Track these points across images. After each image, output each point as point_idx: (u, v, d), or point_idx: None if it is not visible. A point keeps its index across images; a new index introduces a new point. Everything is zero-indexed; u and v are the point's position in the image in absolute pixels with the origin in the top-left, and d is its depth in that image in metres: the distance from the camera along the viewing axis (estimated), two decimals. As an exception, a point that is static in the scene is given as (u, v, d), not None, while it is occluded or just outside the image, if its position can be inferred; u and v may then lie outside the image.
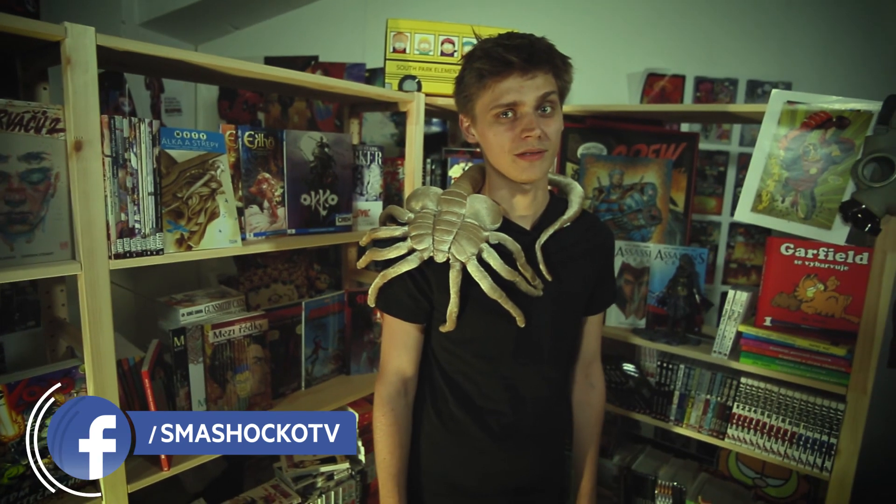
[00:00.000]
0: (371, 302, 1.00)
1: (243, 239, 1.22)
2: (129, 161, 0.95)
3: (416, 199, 0.98)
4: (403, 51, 1.49)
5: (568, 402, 1.15)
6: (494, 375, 1.01)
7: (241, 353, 1.28)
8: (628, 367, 1.54)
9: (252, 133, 1.22)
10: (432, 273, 0.97)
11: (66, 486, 0.98)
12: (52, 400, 0.94)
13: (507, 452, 1.02)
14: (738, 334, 1.36)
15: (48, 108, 0.88)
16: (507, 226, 1.00)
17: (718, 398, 1.41)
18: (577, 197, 1.07)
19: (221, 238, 1.11)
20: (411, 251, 0.95)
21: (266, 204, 1.26)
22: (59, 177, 0.91)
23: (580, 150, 1.58)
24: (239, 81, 1.37)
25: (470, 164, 1.70)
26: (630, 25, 1.93)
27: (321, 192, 1.37)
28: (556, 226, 1.01)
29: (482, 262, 0.94)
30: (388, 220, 1.02)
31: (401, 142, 2.23)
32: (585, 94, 1.99)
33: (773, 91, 1.24)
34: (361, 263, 1.00)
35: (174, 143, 1.04)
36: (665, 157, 1.56)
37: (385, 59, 1.49)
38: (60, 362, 1.00)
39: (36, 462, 0.90)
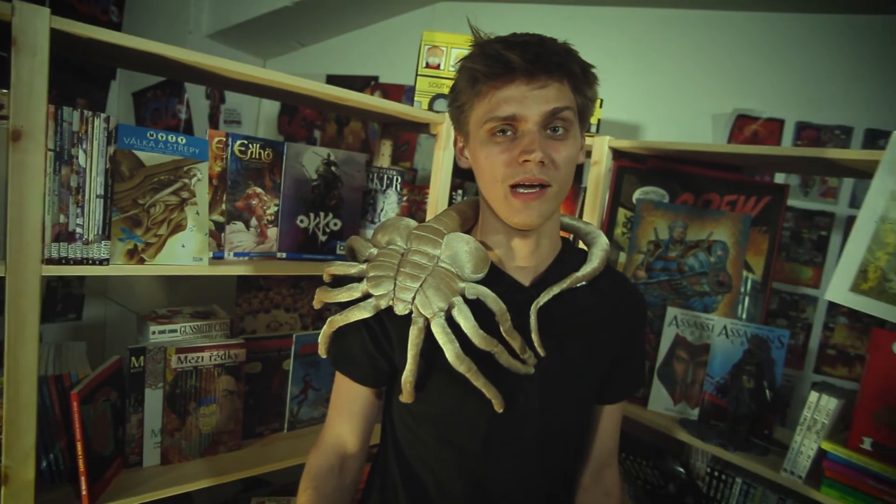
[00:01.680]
0: (321, 352, 0.81)
1: (220, 257, 1.09)
2: (76, 158, 0.85)
3: (383, 231, 0.79)
4: (437, 66, 1.33)
5: None
6: (458, 468, 0.78)
7: (210, 384, 1.14)
8: (678, 468, 1.23)
9: (245, 142, 1.10)
10: (394, 326, 0.77)
11: (-33, 511, 0.87)
12: (-40, 413, 0.84)
13: None
14: (822, 453, 1.02)
15: (-9, 93, 0.80)
16: (499, 278, 0.77)
17: (787, 533, 1.06)
18: (599, 250, 0.83)
19: (184, 254, 0.99)
20: (366, 296, 0.75)
21: (254, 222, 1.14)
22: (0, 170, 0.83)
23: (636, 195, 1.32)
24: (283, 95, 1.25)
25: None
26: (718, 59, 1.65)
27: (322, 214, 1.22)
28: (564, 284, 0.77)
29: (452, 321, 0.72)
30: (351, 253, 0.83)
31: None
32: (659, 135, 1.72)
33: (894, 133, 0.92)
34: (316, 304, 0.81)
35: (145, 144, 0.94)
36: (742, 210, 1.25)
37: (416, 75, 1.33)
38: None
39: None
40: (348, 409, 0.82)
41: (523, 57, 0.67)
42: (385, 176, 1.33)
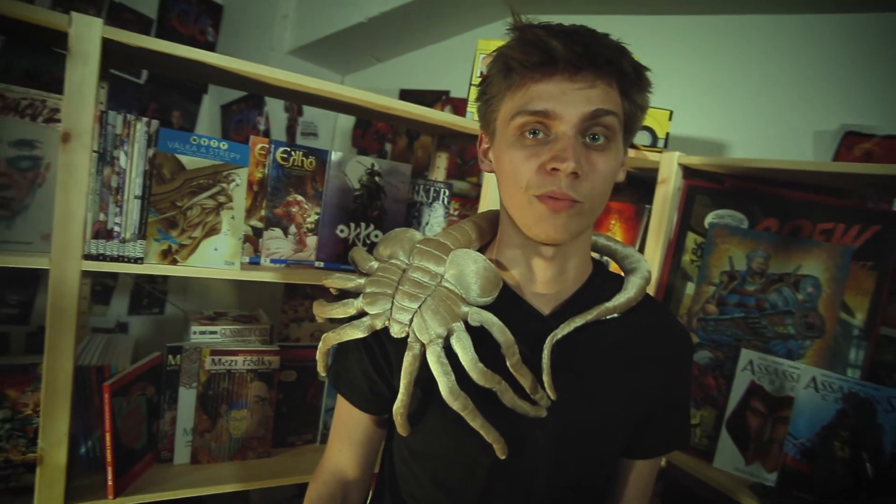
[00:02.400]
0: (319, 370, 0.79)
1: (256, 263, 1.11)
2: (118, 159, 0.90)
3: (385, 243, 0.75)
4: (493, 77, 1.29)
5: None
6: None
7: (242, 389, 1.16)
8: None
9: (288, 150, 1.12)
10: (394, 349, 0.72)
11: (4, 487, 0.94)
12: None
13: None
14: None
15: (48, 97, 0.88)
16: (515, 304, 0.71)
17: None
18: (638, 278, 0.73)
19: (216, 257, 1.01)
20: (362, 314, 0.72)
21: (293, 229, 1.15)
22: (51, 167, 0.90)
23: (709, 218, 1.18)
24: (353, 109, 1.29)
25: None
26: (821, 68, 1.44)
27: (363, 225, 1.21)
28: (589, 315, 0.68)
29: (451, 349, 0.66)
30: (355, 265, 0.80)
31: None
32: (746, 154, 1.54)
33: None
34: (318, 318, 0.78)
35: (187, 148, 0.99)
36: (842, 241, 1.07)
37: (470, 85, 1.30)
38: (22, 356, 0.98)
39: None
40: (349, 436, 0.78)
41: (568, 47, 0.59)
42: (432, 188, 1.30)
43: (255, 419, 1.19)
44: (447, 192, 1.30)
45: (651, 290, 1.21)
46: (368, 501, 0.84)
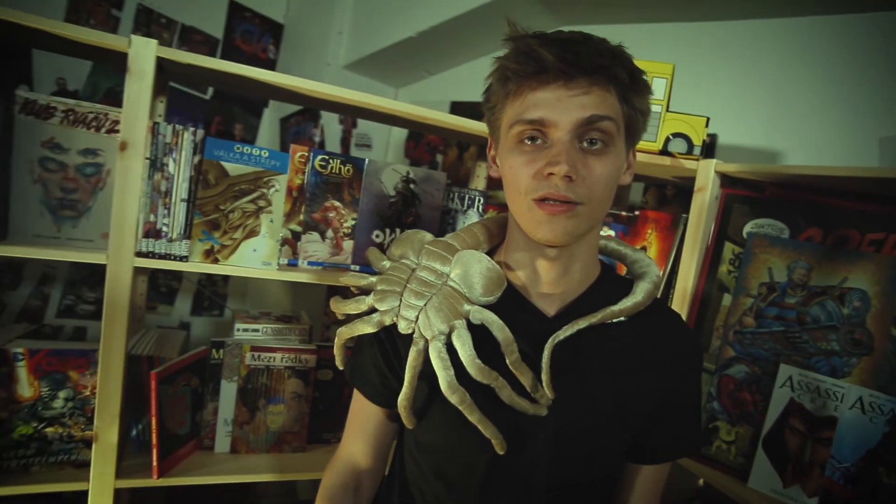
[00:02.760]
0: (338, 364, 0.84)
1: (294, 264, 1.19)
2: (167, 166, 1.00)
3: (397, 244, 0.79)
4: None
5: None
6: None
7: (279, 384, 1.24)
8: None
9: (326, 158, 1.19)
10: (403, 345, 0.76)
11: (66, 460, 1.05)
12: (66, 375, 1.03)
13: None
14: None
15: (111, 111, 0.99)
16: (521, 305, 0.73)
17: None
18: (647, 283, 0.74)
19: (254, 258, 1.09)
20: (372, 310, 0.76)
21: (330, 233, 1.22)
22: (110, 173, 1.01)
23: (747, 228, 1.14)
24: (402, 122, 1.36)
25: (607, 231, 1.39)
26: (889, 70, 1.36)
27: (398, 231, 1.26)
28: (594, 318, 0.70)
29: (452, 347, 0.69)
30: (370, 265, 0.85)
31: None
32: (810, 161, 1.47)
33: None
34: (334, 312, 0.83)
35: (232, 156, 1.07)
36: (893, 253, 1.01)
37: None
38: (82, 342, 1.09)
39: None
40: (362, 428, 0.82)
41: (560, 56, 0.61)
42: (467, 196, 1.33)
43: (291, 414, 1.25)
44: (482, 200, 1.33)
45: (685, 302, 1.18)
46: (376, 495, 0.88)
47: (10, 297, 1.81)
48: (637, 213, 1.34)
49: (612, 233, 1.36)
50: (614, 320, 0.71)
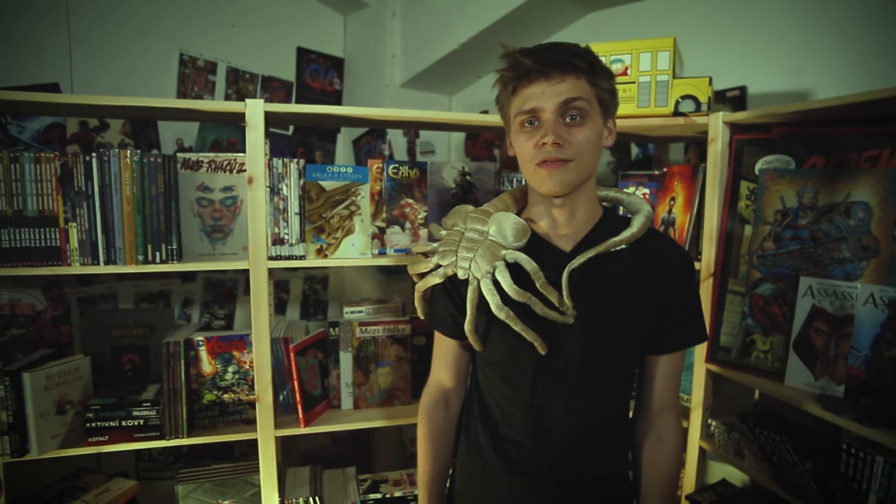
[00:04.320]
0: (420, 314, 1.16)
1: (382, 253, 1.53)
2: (281, 190, 1.38)
3: (451, 216, 1.10)
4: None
5: (623, 454, 1.04)
6: (516, 403, 1.02)
7: (384, 350, 1.59)
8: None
9: (397, 166, 1.53)
10: (464, 291, 1.06)
11: (239, 418, 1.46)
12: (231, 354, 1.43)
13: (523, 489, 1.01)
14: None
15: (238, 156, 1.38)
16: (545, 247, 1.01)
17: (937, 518, 0.99)
18: (641, 216, 1.00)
19: (353, 250, 1.45)
20: (437, 267, 1.07)
21: (408, 225, 1.55)
22: (243, 202, 1.40)
23: (759, 165, 1.35)
24: (456, 126, 1.70)
25: (642, 189, 1.64)
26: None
27: (460, 215, 1.58)
28: (600, 248, 0.96)
29: (496, 280, 0.99)
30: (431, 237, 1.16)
31: (617, 170, 2.22)
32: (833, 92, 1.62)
33: None
34: (410, 273, 1.16)
35: (325, 175, 1.44)
36: (889, 165, 1.19)
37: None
38: (239, 331, 1.49)
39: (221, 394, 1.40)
40: (444, 358, 1.13)
41: (536, 60, 0.90)
42: (515, 178, 1.62)
43: (396, 374, 1.60)
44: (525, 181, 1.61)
45: (713, 238, 1.40)
46: (461, 408, 1.19)
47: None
48: (665, 170, 1.57)
49: (646, 191, 1.60)
50: (617, 248, 0.98)
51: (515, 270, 0.97)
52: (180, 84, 2.29)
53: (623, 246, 0.98)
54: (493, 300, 0.96)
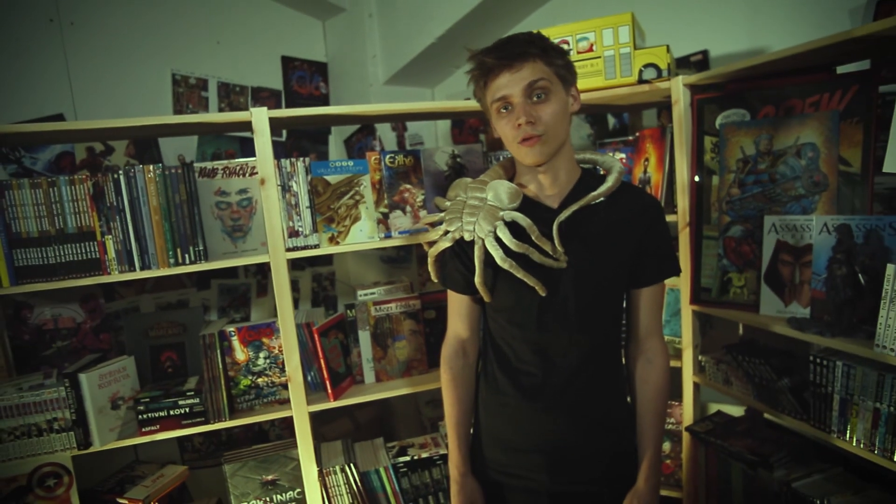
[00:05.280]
0: (434, 278, 1.32)
1: (388, 236, 1.69)
2: (292, 187, 1.53)
3: (453, 189, 1.26)
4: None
5: (618, 376, 1.21)
6: (524, 340, 1.19)
7: (399, 326, 1.75)
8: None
9: (392, 155, 1.69)
10: (470, 251, 1.23)
11: (273, 399, 1.62)
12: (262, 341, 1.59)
13: (538, 412, 1.18)
14: (908, 322, 1.11)
15: (249, 160, 1.54)
16: (536, 206, 1.18)
17: (891, 407, 1.16)
18: (614, 172, 1.17)
19: (362, 236, 1.61)
20: (446, 233, 1.24)
21: (408, 209, 1.71)
22: (258, 201, 1.56)
23: (718, 121, 1.51)
24: (440, 115, 1.86)
25: (618, 154, 1.80)
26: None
27: (455, 195, 1.74)
28: (582, 202, 1.13)
29: (498, 238, 1.15)
30: (437, 208, 1.32)
31: (596, 140, 2.38)
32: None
33: None
34: (423, 243, 1.32)
35: (329, 170, 1.60)
36: (828, 108, 1.35)
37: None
38: (268, 319, 1.64)
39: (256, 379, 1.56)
40: (458, 312, 1.30)
41: (496, 56, 1.07)
42: (501, 156, 1.78)
43: (412, 346, 1.76)
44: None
45: (685, 191, 1.57)
46: (478, 355, 1.35)
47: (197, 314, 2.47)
48: (637, 134, 1.73)
49: (622, 155, 1.77)
50: (596, 201, 1.14)
51: (513, 228, 1.14)
52: (175, 103, 2.43)
53: (601, 199, 1.14)
54: (497, 254, 1.13)
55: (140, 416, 1.49)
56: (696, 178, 1.57)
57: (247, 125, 1.51)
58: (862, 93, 1.31)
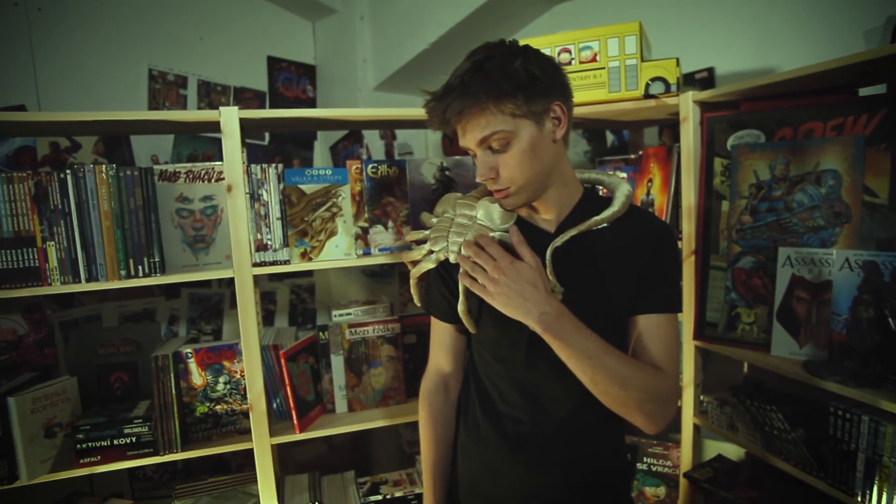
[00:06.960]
0: (416, 301, 1.17)
1: (367, 253, 1.54)
2: (262, 196, 1.38)
3: (440, 204, 1.12)
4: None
5: (619, 428, 1.06)
6: (511, 380, 1.04)
7: (375, 351, 1.59)
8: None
9: (375, 165, 1.54)
10: (456, 275, 1.08)
11: (233, 429, 1.45)
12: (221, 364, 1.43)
13: (525, 465, 1.03)
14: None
15: (215, 165, 1.39)
16: (531, 229, 1.04)
17: (924, 470, 1.02)
18: (621, 195, 1.03)
19: (337, 252, 1.46)
20: (430, 252, 1.09)
21: (390, 224, 1.56)
22: (224, 210, 1.40)
23: (730, 142, 1.38)
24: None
25: (620, 173, 1.67)
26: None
27: (442, 211, 1.59)
28: (581, 227, 0.99)
29: None
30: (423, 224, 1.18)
31: (594, 158, 2.26)
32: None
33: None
34: (406, 261, 1.17)
35: (304, 179, 1.45)
36: (853, 132, 1.23)
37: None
38: (228, 341, 1.48)
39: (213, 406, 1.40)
40: (441, 342, 1.15)
41: (441, 112, 0.92)
42: (493, 171, 1.64)
43: (389, 374, 1.61)
44: (505, 171, 1.63)
45: (692, 216, 1.44)
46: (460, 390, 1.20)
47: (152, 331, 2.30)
48: (641, 153, 1.60)
49: (624, 175, 1.63)
50: (598, 227, 1.00)
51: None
52: (151, 100, 2.27)
53: (605, 224, 1.00)
54: None
55: (78, 446, 1.32)
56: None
57: (216, 125, 1.36)
58: (890, 117, 1.19)
